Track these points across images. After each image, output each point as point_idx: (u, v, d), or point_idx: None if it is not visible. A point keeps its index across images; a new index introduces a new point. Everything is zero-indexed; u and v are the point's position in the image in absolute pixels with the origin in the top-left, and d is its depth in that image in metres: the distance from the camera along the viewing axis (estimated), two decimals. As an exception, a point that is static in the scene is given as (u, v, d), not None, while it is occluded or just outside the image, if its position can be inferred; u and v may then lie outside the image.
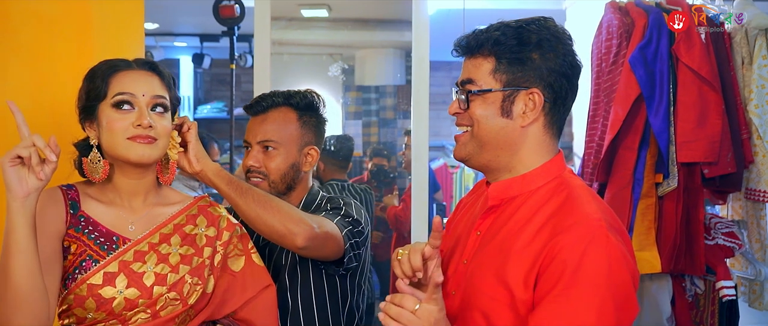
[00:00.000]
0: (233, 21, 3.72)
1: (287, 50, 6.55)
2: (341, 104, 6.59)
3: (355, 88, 6.81)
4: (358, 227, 1.87)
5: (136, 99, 1.54)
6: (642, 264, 2.72)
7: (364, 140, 6.74)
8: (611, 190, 2.80)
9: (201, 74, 7.73)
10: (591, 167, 2.94)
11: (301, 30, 6.27)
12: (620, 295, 1.29)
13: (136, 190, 1.60)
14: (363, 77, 6.63)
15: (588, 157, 2.99)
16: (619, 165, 2.79)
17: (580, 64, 1.44)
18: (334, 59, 6.60)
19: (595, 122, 3.00)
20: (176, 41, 7.29)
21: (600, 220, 1.32)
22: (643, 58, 2.75)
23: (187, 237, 1.63)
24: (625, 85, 2.77)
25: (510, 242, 1.37)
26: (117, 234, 1.56)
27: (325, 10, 5.80)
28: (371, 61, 6.49)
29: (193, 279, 1.59)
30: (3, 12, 1.96)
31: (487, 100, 1.41)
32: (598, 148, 2.89)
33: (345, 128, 6.66)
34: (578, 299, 1.26)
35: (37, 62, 1.98)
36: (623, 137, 2.76)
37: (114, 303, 1.50)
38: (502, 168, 1.45)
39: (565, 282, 1.27)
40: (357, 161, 6.72)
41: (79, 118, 1.58)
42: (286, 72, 6.49)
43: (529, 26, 1.40)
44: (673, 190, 2.71)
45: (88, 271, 1.51)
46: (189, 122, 1.69)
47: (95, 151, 1.56)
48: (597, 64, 3.02)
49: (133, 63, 1.60)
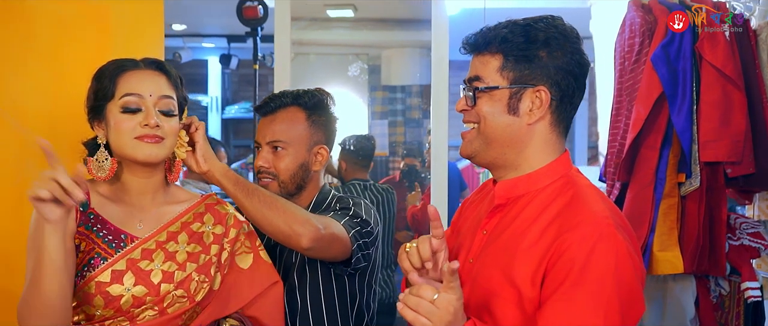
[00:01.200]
0: (257, 22, 3.74)
1: (313, 50, 6.58)
2: (367, 104, 6.59)
3: (381, 88, 6.82)
4: (367, 227, 1.86)
5: (143, 99, 1.55)
6: (664, 265, 2.69)
7: (390, 140, 6.74)
8: (633, 190, 2.76)
9: (229, 75, 7.80)
10: (613, 166, 2.91)
11: (327, 30, 6.29)
12: (626, 294, 1.29)
13: (144, 189, 1.62)
14: (389, 77, 6.63)
15: (610, 157, 2.97)
16: (640, 165, 2.76)
17: (587, 63, 1.44)
18: (360, 59, 6.61)
19: (618, 121, 2.97)
20: (204, 42, 7.35)
21: (607, 218, 1.32)
22: (666, 56, 2.72)
23: (194, 234, 1.64)
24: (647, 84, 2.73)
25: (516, 240, 1.37)
26: (125, 233, 1.58)
27: (350, 10, 5.81)
28: (397, 61, 6.49)
29: (200, 277, 1.60)
30: (23, 13, 2.01)
31: (494, 97, 1.41)
32: (621, 147, 2.86)
33: (371, 128, 6.66)
34: (585, 297, 1.26)
35: (56, 62, 2.02)
36: (645, 136, 2.73)
37: (122, 301, 1.52)
38: (509, 166, 1.45)
39: (573, 280, 1.27)
40: (383, 161, 6.73)
41: (88, 117, 1.60)
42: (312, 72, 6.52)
43: (537, 24, 1.40)
44: (696, 190, 2.67)
45: (97, 269, 1.52)
46: (197, 122, 1.70)
47: (102, 149, 1.58)
48: (620, 62, 2.99)
49: (141, 63, 1.61)
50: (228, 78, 7.91)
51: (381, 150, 6.77)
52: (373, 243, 1.91)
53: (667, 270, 2.68)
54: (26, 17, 2.01)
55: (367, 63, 6.58)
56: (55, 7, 2.03)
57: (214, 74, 7.86)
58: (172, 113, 1.59)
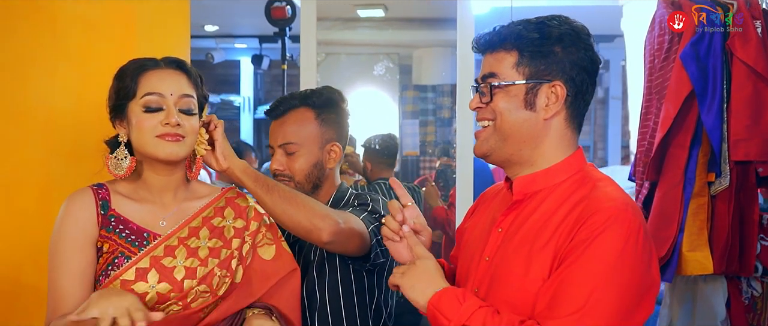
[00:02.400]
0: (285, 22, 3.77)
1: (344, 50, 6.60)
2: (397, 103, 6.60)
3: (412, 88, 6.81)
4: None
5: (164, 98, 1.57)
6: (693, 265, 2.65)
7: (420, 139, 6.74)
8: (662, 189, 2.73)
9: (261, 75, 7.86)
10: (642, 166, 2.88)
11: (357, 30, 6.31)
12: (627, 279, 1.29)
13: (166, 186, 1.64)
14: (420, 76, 6.62)
15: (639, 156, 2.93)
16: (669, 164, 2.72)
17: (599, 60, 1.46)
18: (390, 58, 6.61)
19: (647, 120, 2.93)
20: (236, 43, 7.43)
21: (627, 205, 1.34)
22: (696, 53, 2.67)
23: (216, 229, 1.66)
24: (676, 82, 2.69)
25: (535, 235, 1.38)
26: (148, 231, 1.60)
27: (381, 10, 5.82)
28: (428, 60, 6.48)
29: (221, 272, 1.62)
30: (51, 15, 2.05)
31: (510, 93, 1.42)
32: (649, 146, 2.82)
33: (402, 127, 6.67)
34: (579, 271, 1.28)
35: (84, 63, 2.05)
36: (674, 135, 2.69)
37: (147, 298, 1.54)
38: (524, 163, 1.46)
39: (576, 255, 1.29)
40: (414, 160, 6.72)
41: (110, 116, 1.63)
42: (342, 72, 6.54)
43: (551, 22, 1.42)
44: (726, 190, 2.62)
45: (121, 267, 1.55)
46: (216, 120, 1.72)
47: (122, 148, 1.60)
48: (650, 60, 2.95)
49: (161, 62, 1.63)
50: (260, 78, 7.98)
51: (412, 149, 6.77)
52: None
53: (696, 271, 2.64)
54: (55, 19, 2.05)
55: (398, 63, 6.59)
56: (83, 8, 2.07)
57: (247, 74, 7.93)
58: (193, 112, 1.61)
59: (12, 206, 2.03)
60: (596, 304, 1.27)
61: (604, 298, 1.27)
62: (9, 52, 2.02)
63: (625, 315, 1.29)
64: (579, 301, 1.27)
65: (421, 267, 1.44)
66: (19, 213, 2.03)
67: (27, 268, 1.98)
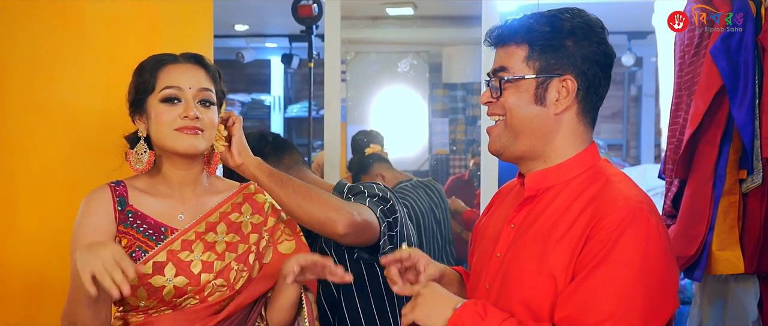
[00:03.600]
0: (312, 20, 3.78)
1: (374, 49, 6.60)
2: (427, 102, 6.58)
3: (442, 86, 6.79)
4: (388, 204, 1.88)
5: (182, 92, 1.59)
6: (724, 265, 2.60)
7: (450, 138, 6.72)
8: (691, 187, 2.68)
9: (291, 74, 7.90)
10: (671, 163, 2.83)
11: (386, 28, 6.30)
12: (654, 280, 1.27)
13: (185, 181, 1.65)
14: (449, 74, 6.60)
15: (669, 153, 2.89)
16: (699, 161, 2.67)
17: (613, 54, 1.43)
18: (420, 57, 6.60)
19: (677, 116, 2.88)
20: (267, 42, 7.47)
21: (642, 202, 1.32)
22: (726, 48, 2.62)
23: (233, 225, 1.67)
24: (706, 77, 2.65)
25: (548, 231, 1.36)
26: (165, 225, 1.62)
27: (410, 8, 5.81)
28: (457, 59, 6.46)
29: (238, 266, 1.63)
30: (78, 14, 2.08)
31: (520, 88, 1.41)
32: (679, 143, 2.78)
33: (431, 126, 6.65)
34: (605, 276, 1.26)
35: (109, 62, 2.08)
36: (704, 131, 2.64)
37: (164, 291, 1.56)
38: (538, 158, 1.44)
39: (599, 259, 1.27)
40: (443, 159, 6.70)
41: (129, 111, 1.65)
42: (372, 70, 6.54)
43: (562, 14, 1.40)
44: (758, 187, 2.56)
45: (138, 261, 1.56)
46: (234, 116, 1.74)
47: (142, 142, 1.62)
48: (680, 56, 2.90)
49: (180, 57, 1.65)
50: (290, 77, 8.02)
51: (441, 147, 6.75)
52: (396, 224, 1.91)
53: (726, 270, 2.59)
54: (80, 17, 2.08)
55: (427, 61, 6.57)
56: (107, 6, 2.09)
57: (277, 74, 7.98)
58: (211, 105, 1.62)
59: (38, 202, 2.06)
60: (627, 310, 1.25)
61: (633, 302, 1.26)
62: (36, 50, 2.06)
63: (654, 315, 1.28)
64: (609, 308, 1.25)
65: (427, 294, 1.40)
66: (45, 208, 2.06)
67: (52, 263, 2.01)
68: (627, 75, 8.23)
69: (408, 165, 6.24)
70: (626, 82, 8.30)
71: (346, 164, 4.43)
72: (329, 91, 3.30)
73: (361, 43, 6.44)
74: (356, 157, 4.01)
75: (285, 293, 1.62)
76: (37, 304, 2.04)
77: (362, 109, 6.45)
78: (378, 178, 3.46)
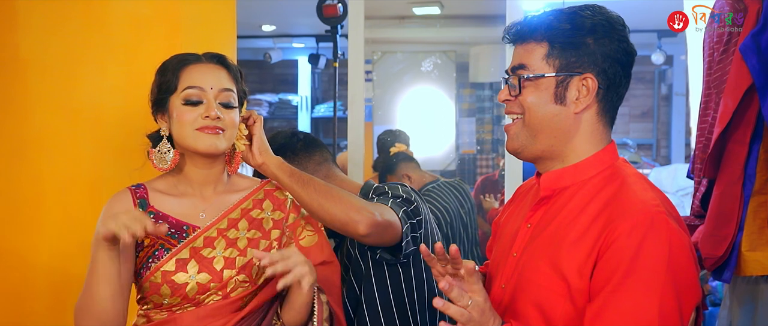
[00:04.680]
0: (336, 19, 3.78)
1: (400, 49, 6.59)
2: (454, 101, 6.56)
3: (469, 85, 6.76)
4: (412, 206, 1.87)
5: (204, 92, 1.60)
6: (753, 266, 2.54)
7: (477, 137, 6.69)
8: (720, 187, 2.62)
9: (318, 74, 7.92)
10: (700, 163, 2.78)
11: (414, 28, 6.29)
12: (681, 281, 1.26)
13: (206, 179, 1.67)
14: (477, 74, 6.57)
15: (697, 152, 2.83)
16: (728, 160, 2.61)
17: (634, 52, 1.41)
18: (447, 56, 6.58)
19: (706, 115, 2.83)
20: (294, 42, 7.49)
21: (658, 206, 1.29)
22: (756, 45, 2.56)
23: (254, 221, 1.68)
24: (735, 75, 2.59)
25: (563, 232, 1.34)
26: (187, 224, 1.63)
27: (436, 7, 5.78)
28: (485, 58, 6.42)
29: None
30: (101, 14, 2.10)
31: (539, 87, 1.39)
32: (707, 142, 2.72)
33: (458, 125, 6.63)
34: (638, 287, 1.24)
35: (132, 61, 2.10)
36: (733, 130, 2.58)
37: (187, 288, 1.57)
38: (556, 158, 1.42)
39: (624, 270, 1.24)
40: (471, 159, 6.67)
41: (152, 110, 1.67)
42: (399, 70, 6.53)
43: (583, 12, 1.38)
44: (789, 187, 2.51)
45: (161, 259, 1.58)
46: (255, 115, 1.74)
47: (165, 141, 1.63)
48: (709, 54, 2.85)
49: (203, 57, 1.66)
50: (317, 77, 8.04)
51: (468, 147, 6.72)
52: (420, 226, 1.90)
53: (756, 271, 2.53)
54: (103, 19, 2.10)
55: (455, 60, 6.55)
56: (131, 7, 2.11)
57: (304, 74, 8.00)
58: (232, 105, 1.64)
59: (63, 200, 2.09)
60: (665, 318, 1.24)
61: (668, 309, 1.24)
62: (60, 51, 2.08)
63: (684, 316, 1.27)
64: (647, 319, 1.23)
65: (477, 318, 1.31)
66: (70, 207, 2.08)
67: (77, 260, 2.03)
68: (657, 74, 8.12)
69: (435, 165, 6.22)
70: (657, 81, 8.20)
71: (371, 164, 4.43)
72: (353, 90, 3.30)
73: (387, 43, 6.44)
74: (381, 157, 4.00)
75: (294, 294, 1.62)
76: (62, 301, 2.06)
77: (389, 109, 6.45)
78: (404, 179, 3.45)
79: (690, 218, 2.54)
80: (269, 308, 1.67)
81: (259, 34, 6.97)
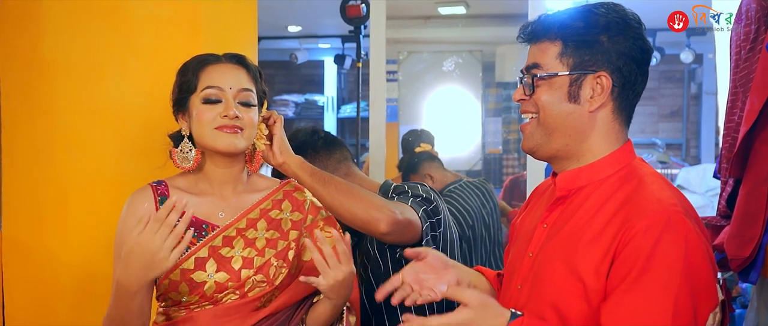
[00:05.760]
0: (360, 20, 3.79)
1: (426, 48, 6.59)
2: (480, 101, 6.54)
3: (495, 85, 6.74)
4: (431, 205, 1.87)
5: (223, 92, 1.62)
6: (780, 267, 2.51)
7: (503, 137, 6.67)
8: (746, 187, 2.59)
9: (344, 74, 7.95)
10: (726, 162, 2.74)
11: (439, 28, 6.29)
12: (697, 283, 1.24)
13: (226, 179, 1.68)
14: (503, 73, 6.55)
15: (724, 152, 2.79)
16: (755, 160, 2.57)
17: (650, 49, 1.39)
18: (473, 56, 6.56)
19: (733, 114, 2.79)
20: (320, 43, 7.53)
21: (675, 206, 1.28)
22: (784, 43, 2.53)
23: (273, 221, 1.69)
24: (762, 73, 2.55)
25: (580, 232, 1.33)
26: (206, 222, 1.64)
27: (462, 7, 5.78)
28: (511, 57, 6.40)
29: (278, 262, 1.65)
30: (123, 15, 2.12)
31: (553, 85, 1.38)
32: (733, 141, 2.69)
33: (484, 125, 6.61)
34: (653, 286, 1.22)
35: (154, 62, 2.12)
36: (760, 129, 2.54)
37: (205, 287, 1.59)
38: (572, 157, 1.41)
39: (639, 268, 1.23)
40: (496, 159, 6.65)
41: (173, 110, 1.69)
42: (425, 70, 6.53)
43: (597, 9, 1.37)
44: (817, 187, 2.46)
45: (181, 257, 1.59)
46: (275, 115, 1.75)
47: (186, 140, 1.65)
48: (736, 52, 2.81)
49: (223, 57, 1.68)
50: (343, 78, 8.07)
51: (494, 147, 6.70)
52: (440, 225, 1.90)
53: (783, 273, 2.50)
54: (127, 20, 2.12)
55: (480, 60, 6.53)
56: (153, 8, 2.13)
57: (330, 74, 8.04)
58: (251, 105, 1.65)
59: (87, 199, 2.12)
60: (679, 318, 1.23)
61: (682, 309, 1.23)
62: (84, 52, 2.11)
63: (697, 315, 1.26)
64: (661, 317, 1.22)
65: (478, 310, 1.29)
66: (94, 206, 2.11)
67: (101, 259, 2.06)
68: (687, 72, 8.03)
69: (461, 165, 6.21)
70: (686, 80, 8.10)
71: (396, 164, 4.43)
72: (374, 90, 3.31)
73: (412, 43, 6.44)
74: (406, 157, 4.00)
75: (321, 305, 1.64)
76: (86, 299, 2.10)
77: (414, 109, 6.45)
78: (426, 179, 3.44)
79: (716, 218, 2.51)
80: (294, 313, 1.68)
81: (285, 34, 7.02)
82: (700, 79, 7.83)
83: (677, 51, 6.75)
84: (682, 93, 8.12)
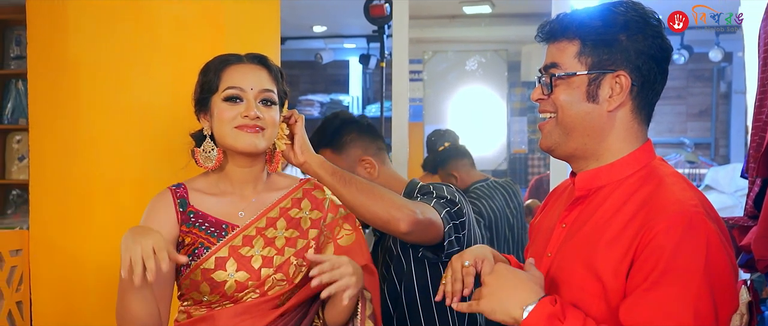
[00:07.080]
0: (383, 19, 3.80)
1: (451, 48, 6.58)
2: (505, 100, 6.51)
3: (520, 84, 6.71)
4: (455, 207, 1.87)
5: (244, 92, 1.63)
6: (809, 269, 2.46)
7: (529, 137, 6.63)
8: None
9: (369, 74, 7.95)
10: (753, 162, 2.70)
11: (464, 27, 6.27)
12: (719, 284, 1.23)
13: (246, 178, 1.69)
14: (529, 73, 6.51)
15: (751, 151, 2.75)
16: (782, 159, 2.54)
17: (669, 47, 1.37)
18: (498, 55, 6.53)
19: (761, 113, 2.74)
20: (345, 43, 7.54)
21: (697, 206, 1.26)
22: (812, 41, 2.49)
23: (292, 220, 1.70)
24: (790, 72, 2.52)
25: (599, 232, 1.32)
26: (226, 222, 1.66)
27: (488, 6, 5.75)
28: (536, 57, 6.35)
29: (297, 261, 1.66)
30: (147, 15, 2.15)
31: (571, 85, 1.37)
32: (761, 140, 2.65)
33: (510, 125, 6.58)
34: (673, 287, 1.21)
35: (177, 62, 2.14)
36: (788, 128, 2.51)
37: (226, 286, 1.60)
38: (590, 157, 1.40)
39: (661, 269, 1.22)
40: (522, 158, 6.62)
41: (195, 109, 1.71)
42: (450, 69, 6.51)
43: (616, 8, 1.35)
44: None
45: (201, 257, 1.61)
46: (297, 115, 1.76)
47: (208, 140, 1.67)
48: (763, 50, 2.76)
49: (244, 57, 1.69)
50: (368, 77, 8.07)
51: (520, 147, 6.67)
52: (464, 227, 1.90)
53: (812, 275, 2.46)
54: (151, 20, 2.15)
55: (506, 59, 6.50)
56: (176, 8, 2.15)
57: (355, 74, 8.05)
58: (272, 105, 1.66)
59: (112, 199, 2.15)
60: (700, 318, 1.21)
61: (704, 310, 1.22)
62: (109, 53, 2.14)
63: (718, 317, 1.24)
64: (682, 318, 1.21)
65: (496, 283, 1.31)
66: (119, 205, 2.14)
67: (125, 258, 2.09)
68: (715, 71, 7.92)
69: (486, 164, 6.19)
70: (715, 79, 7.99)
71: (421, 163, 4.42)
72: (397, 90, 3.31)
73: (437, 42, 6.43)
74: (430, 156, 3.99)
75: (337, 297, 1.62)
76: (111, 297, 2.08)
77: (439, 109, 6.44)
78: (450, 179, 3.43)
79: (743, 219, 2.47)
80: (310, 306, 1.68)
81: (310, 34, 7.04)
82: (730, 77, 7.72)
83: (706, 49, 6.66)
84: (711, 92, 8.02)
